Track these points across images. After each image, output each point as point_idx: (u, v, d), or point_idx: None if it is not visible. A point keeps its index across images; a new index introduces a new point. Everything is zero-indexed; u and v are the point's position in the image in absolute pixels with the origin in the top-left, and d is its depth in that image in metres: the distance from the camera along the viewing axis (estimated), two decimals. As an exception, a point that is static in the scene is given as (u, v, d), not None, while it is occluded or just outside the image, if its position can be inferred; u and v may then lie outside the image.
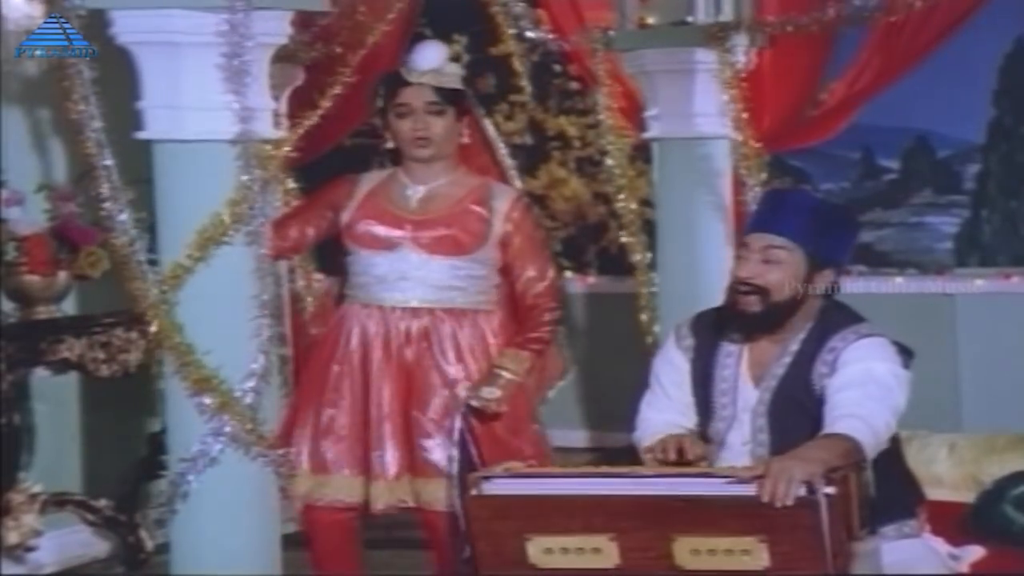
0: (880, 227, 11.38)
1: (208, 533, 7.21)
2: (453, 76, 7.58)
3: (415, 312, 7.39)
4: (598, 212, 11.89)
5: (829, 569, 5.57)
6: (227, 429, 7.10)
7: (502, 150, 7.98)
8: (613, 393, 10.23)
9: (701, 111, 9.50)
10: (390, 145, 7.65)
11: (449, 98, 7.46)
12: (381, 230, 7.44)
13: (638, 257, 9.99)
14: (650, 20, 9.48)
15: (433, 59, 7.54)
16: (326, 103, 8.65)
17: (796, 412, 6.08)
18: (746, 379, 6.23)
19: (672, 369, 6.39)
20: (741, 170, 9.47)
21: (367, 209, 7.51)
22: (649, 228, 10.16)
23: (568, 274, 12.29)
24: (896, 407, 5.99)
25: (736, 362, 6.26)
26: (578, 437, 12.26)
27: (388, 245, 7.40)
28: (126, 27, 7.33)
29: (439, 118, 7.42)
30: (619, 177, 9.94)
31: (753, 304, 6.09)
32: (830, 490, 5.57)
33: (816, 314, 6.18)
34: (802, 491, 5.47)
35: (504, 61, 12.01)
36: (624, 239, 10.07)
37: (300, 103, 8.95)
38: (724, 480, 5.73)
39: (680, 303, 9.44)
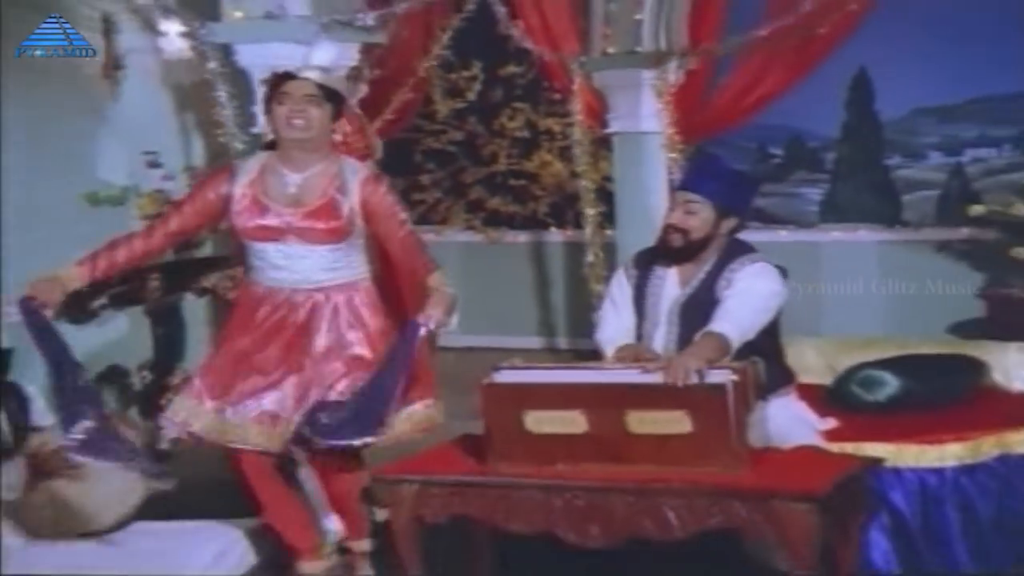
0: (769, 196, 11.29)
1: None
2: (335, 80, 6.58)
3: (307, 291, 6.26)
4: (574, 186, 11.74)
5: (732, 432, 5.60)
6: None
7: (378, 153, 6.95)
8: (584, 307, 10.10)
9: (645, 113, 9.46)
10: (269, 138, 6.49)
11: (327, 95, 6.24)
12: (266, 223, 6.19)
13: (589, 219, 9.87)
14: (610, 49, 9.37)
15: (322, 58, 6.74)
16: (388, 111, 8.38)
17: (700, 314, 6.07)
18: (671, 290, 6.27)
19: (620, 292, 6.45)
20: (670, 154, 9.41)
21: (250, 203, 6.22)
22: (609, 196, 10.14)
23: (552, 229, 12.23)
24: (765, 311, 6.10)
25: (663, 282, 6.30)
26: (562, 342, 12.17)
27: (275, 236, 6.20)
28: (245, 55, 7.31)
29: (317, 108, 6.17)
30: (581, 162, 9.88)
31: (676, 241, 6.23)
32: (735, 378, 5.62)
33: (723, 247, 6.25)
34: (694, 378, 5.59)
35: (510, 79, 12.00)
36: (583, 208, 9.95)
37: (365, 109, 8.81)
38: (640, 370, 5.81)
39: (632, 248, 9.44)
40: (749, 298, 6.03)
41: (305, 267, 6.22)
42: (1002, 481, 6.29)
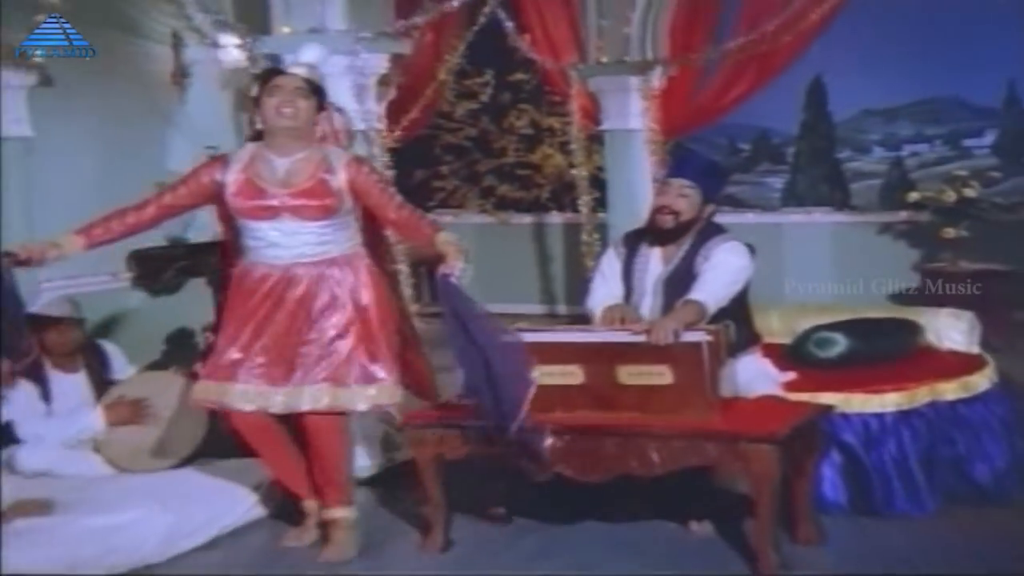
0: (739, 184, 11.33)
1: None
2: (320, 76, 6.14)
3: (303, 265, 5.95)
4: (571, 175, 11.76)
5: (706, 384, 5.67)
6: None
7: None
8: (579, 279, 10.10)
9: (632, 113, 9.46)
10: (259, 126, 6.12)
11: (312, 89, 5.97)
12: (262, 203, 5.90)
13: (584, 204, 9.87)
14: (603, 59, 9.38)
15: (310, 56, 6.12)
16: (414, 111, 8.34)
17: (681, 287, 6.09)
18: (656, 265, 6.27)
19: (610, 266, 6.44)
20: (653, 148, 9.43)
21: (245, 185, 5.92)
22: (601, 184, 10.14)
23: (553, 212, 12.26)
24: (736, 282, 6.13)
25: (647, 260, 6.31)
26: (560, 308, 12.24)
27: (271, 215, 5.91)
28: (288, 63, 7.28)
29: (304, 100, 5.91)
30: (578, 155, 9.89)
31: (668, 222, 6.22)
32: (709, 338, 5.67)
33: (702, 229, 6.25)
34: (673, 337, 5.67)
35: (517, 84, 12.02)
36: (579, 195, 9.95)
37: (394, 109, 8.82)
38: (629, 332, 5.87)
39: (621, 227, 9.45)
40: (722, 272, 6.06)
41: (299, 242, 5.93)
42: (931, 425, 6.34)
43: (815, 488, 6.06)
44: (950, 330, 6.98)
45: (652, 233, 6.31)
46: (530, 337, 5.94)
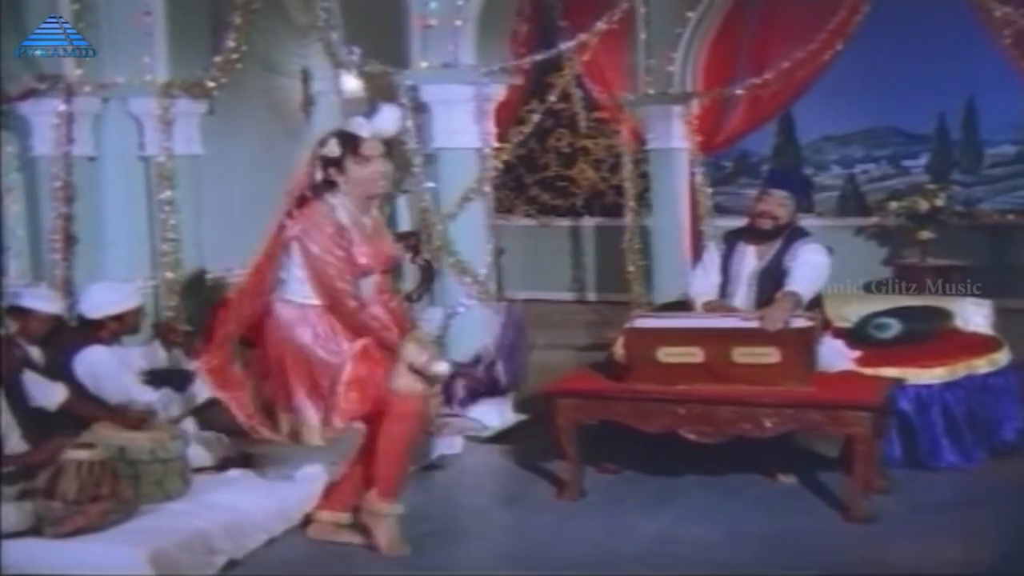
0: (722, 195, 10.73)
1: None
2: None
3: None
4: (602, 187, 11.55)
5: (809, 361, 5.47)
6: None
7: None
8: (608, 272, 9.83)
9: (675, 135, 9.12)
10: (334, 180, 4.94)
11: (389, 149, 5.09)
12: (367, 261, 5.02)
13: (630, 211, 9.47)
14: (650, 91, 9.04)
15: (395, 125, 5.09)
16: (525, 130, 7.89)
17: (772, 279, 5.88)
18: (751, 261, 6.03)
19: (711, 259, 6.20)
20: (693, 163, 9.13)
21: (360, 241, 4.99)
22: (645, 196, 9.76)
23: (586, 217, 11.97)
24: (821, 277, 5.90)
25: (744, 254, 6.06)
26: (590, 295, 11.85)
27: (366, 272, 5.03)
28: (427, 93, 7.00)
29: (388, 163, 5.05)
30: (627, 171, 9.55)
31: (768, 225, 5.99)
32: (812, 323, 5.39)
33: (790, 232, 6.02)
34: (782, 325, 5.43)
35: (558, 111, 11.59)
36: (627, 203, 9.56)
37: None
38: (744, 319, 5.62)
39: (665, 231, 9.25)
40: (811, 268, 5.82)
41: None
42: (968, 393, 6.14)
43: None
44: (974, 315, 6.77)
45: (749, 233, 6.05)
46: (656, 323, 5.68)
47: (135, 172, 7.24)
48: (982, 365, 6.19)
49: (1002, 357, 6.33)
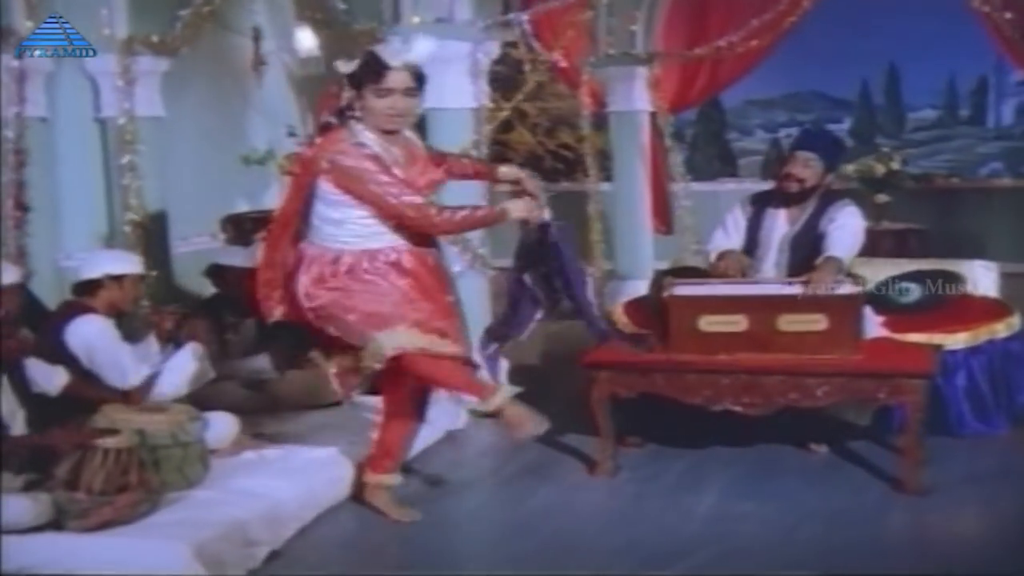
0: None
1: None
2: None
3: None
4: (539, 151, 11.37)
5: (856, 328, 5.30)
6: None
7: None
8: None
9: (637, 97, 8.89)
10: (357, 114, 4.52)
11: (421, 83, 4.62)
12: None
13: (591, 178, 9.07)
14: (611, 52, 8.77)
15: (424, 52, 4.66)
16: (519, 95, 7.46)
17: (806, 244, 5.67)
18: (782, 225, 5.82)
19: (734, 223, 5.94)
20: (659, 123, 8.89)
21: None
22: (607, 158, 9.50)
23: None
24: (860, 241, 5.71)
25: (774, 220, 5.84)
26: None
27: None
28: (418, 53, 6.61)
29: (413, 99, 4.61)
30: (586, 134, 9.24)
31: (794, 187, 5.77)
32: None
33: (824, 194, 5.81)
34: (828, 290, 5.27)
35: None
36: (588, 169, 9.23)
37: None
38: (787, 283, 5.44)
39: (626, 195, 9.05)
40: (849, 232, 5.62)
41: None
42: (990, 358, 6.05)
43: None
44: (984, 279, 6.66)
45: (778, 197, 5.83)
46: (697, 290, 5.44)
47: (91, 135, 6.82)
48: (1001, 330, 6.08)
49: (1017, 321, 6.23)
